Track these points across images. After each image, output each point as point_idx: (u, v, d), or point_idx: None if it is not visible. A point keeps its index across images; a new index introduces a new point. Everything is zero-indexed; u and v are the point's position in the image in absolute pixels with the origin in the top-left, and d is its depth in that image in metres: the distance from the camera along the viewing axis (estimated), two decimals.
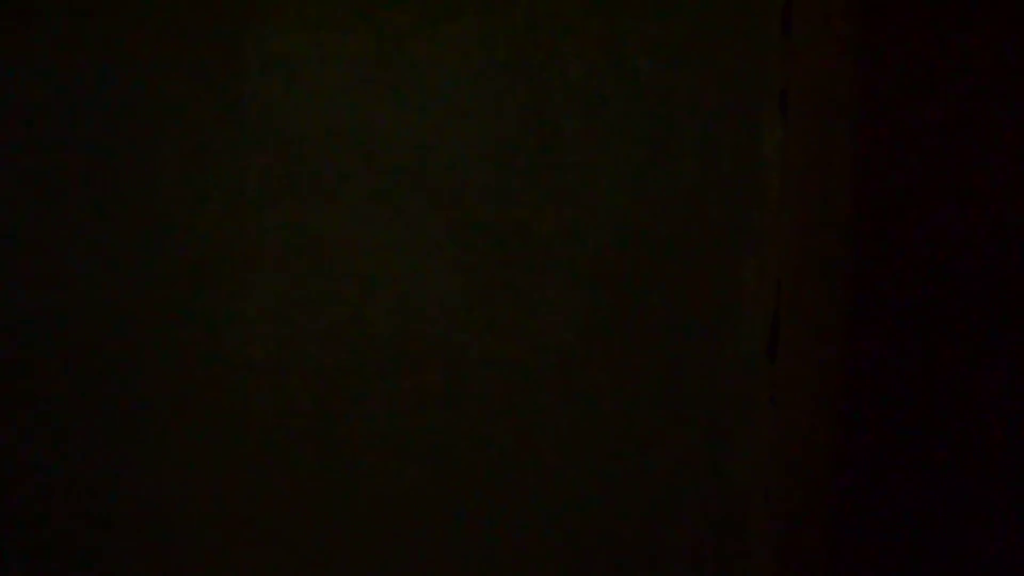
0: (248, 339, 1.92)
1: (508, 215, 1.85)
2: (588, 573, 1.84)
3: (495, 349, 1.85)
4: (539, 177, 1.84)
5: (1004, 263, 2.43)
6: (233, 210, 1.92)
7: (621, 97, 1.81)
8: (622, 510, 1.83)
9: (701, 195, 1.79)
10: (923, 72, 2.45)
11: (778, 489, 1.87)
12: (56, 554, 2.00)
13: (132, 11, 1.95)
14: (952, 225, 2.44)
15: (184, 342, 1.94)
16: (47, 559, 2.00)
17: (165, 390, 1.95)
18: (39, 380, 1.99)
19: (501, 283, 1.85)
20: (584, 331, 1.83)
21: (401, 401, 1.88)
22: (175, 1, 1.94)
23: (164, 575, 1.96)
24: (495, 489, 1.86)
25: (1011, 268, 2.42)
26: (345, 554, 1.91)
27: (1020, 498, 2.42)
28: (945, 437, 2.45)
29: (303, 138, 1.90)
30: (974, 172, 2.44)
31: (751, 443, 1.79)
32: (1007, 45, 2.42)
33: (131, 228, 1.96)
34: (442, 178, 1.87)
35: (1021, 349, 2.41)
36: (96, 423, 1.97)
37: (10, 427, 2.00)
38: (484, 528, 1.87)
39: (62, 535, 1.99)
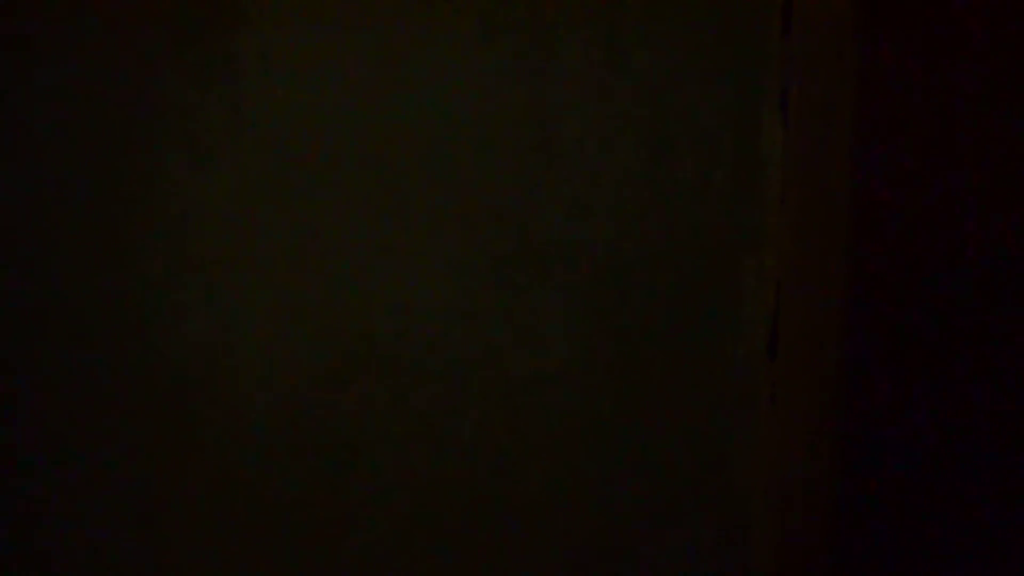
0: (245, 338, 1.93)
1: (507, 214, 1.85)
2: (587, 573, 1.84)
3: (493, 348, 1.86)
4: (538, 177, 1.84)
5: (1004, 262, 2.43)
6: (230, 210, 1.93)
7: (621, 97, 1.81)
8: (621, 510, 1.83)
9: (701, 195, 1.80)
10: (923, 72, 2.45)
11: (778, 489, 1.87)
12: (52, 554, 2.00)
13: (129, 10, 1.95)
14: (952, 225, 2.44)
15: (180, 341, 1.95)
16: (43, 559, 2.00)
17: (161, 389, 1.96)
18: (36, 379, 1.99)
19: (500, 282, 1.86)
20: (583, 330, 1.83)
21: (400, 402, 1.89)
22: (173, 0, 1.94)
23: (158, 572, 1.97)
24: (493, 489, 1.87)
25: (1011, 268, 2.43)
26: (342, 556, 1.91)
27: (1021, 498, 2.43)
28: (946, 436, 2.45)
29: (301, 138, 1.91)
30: (974, 172, 2.44)
31: (751, 443, 1.79)
32: (1008, 45, 2.42)
33: (128, 228, 1.96)
34: (441, 178, 1.87)
35: (1021, 349, 2.42)
36: (91, 422, 1.98)
37: (7, 426, 2.00)
38: (482, 528, 1.87)
39: (58, 534, 2.00)
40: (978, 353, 2.42)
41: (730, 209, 1.79)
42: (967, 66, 2.42)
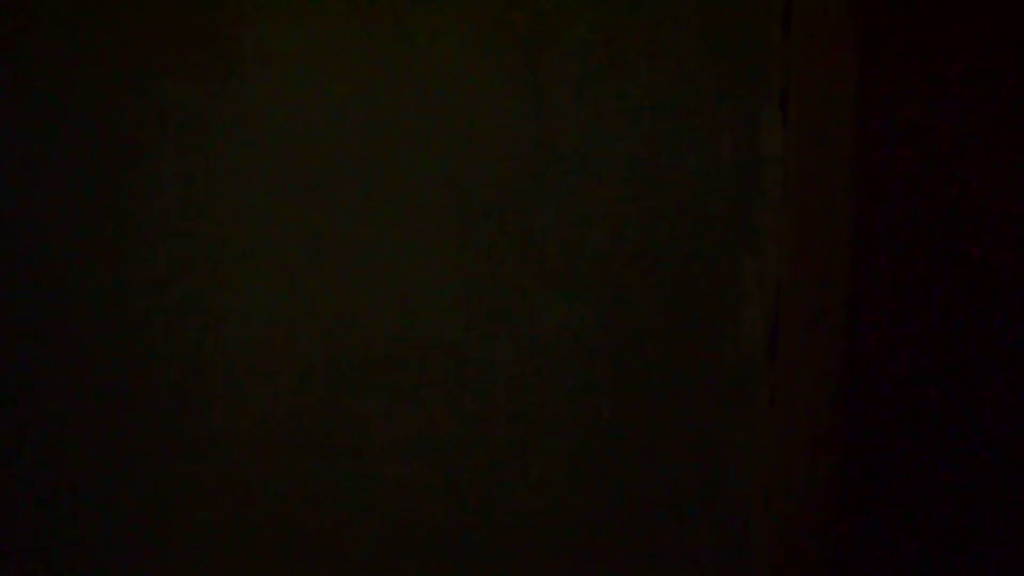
0: (246, 339, 1.93)
1: (507, 214, 1.85)
2: (586, 574, 1.84)
3: (493, 349, 1.86)
4: (538, 176, 1.84)
5: (1004, 262, 2.43)
6: (231, 209, 1.93)
7: (621, 97, 1.81)
8: (621, 510, 1.83)
9: (701, 195, 1.80)
10: (923, 72, 2.45)
11: (778, 490, 1.87)
12: (53, 554, 2.00)
13: (130, 9, 1.95)
14: (952, 224, 2.44)
15: (181, 342, 1.95)
16: (44, 559, 2.00)
17: (161, 389, 1.95)
18: (37, 379, 1.99)
19: (500, 282, 1.86)
20: (583, 330, 1.83)
21: (400, 403, 1.89)
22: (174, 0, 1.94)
23: (160, 574, 1.97)
24: (493, 490, 1.87)
25: (1011, 267, 2.42)
26: (342, 554, 1.91)
27: (1020, 498, 2.42)
28: (945, 436, 2.45)
29: (302, 136, 1.91)
30: (974, 171, 2.44)
31: (751, 443, 1.79)
32: (1007, 45, 2.42)
33: (129, 227, 1.96)
34: (441, 177, 1.87)
35: (1021, 348, 2.42)
36: (92, 422, 1.98)
37: (8, 426, 2.00)
38: (482, 528, 1.87)
39: (58, 535, 2.00)
40: (977, 353, 2.42)
41: (730, 209, 1.79)
42: (966, 66, 2.42)
